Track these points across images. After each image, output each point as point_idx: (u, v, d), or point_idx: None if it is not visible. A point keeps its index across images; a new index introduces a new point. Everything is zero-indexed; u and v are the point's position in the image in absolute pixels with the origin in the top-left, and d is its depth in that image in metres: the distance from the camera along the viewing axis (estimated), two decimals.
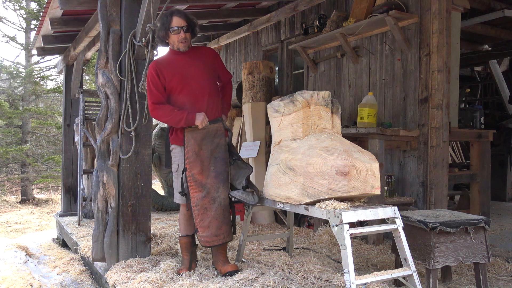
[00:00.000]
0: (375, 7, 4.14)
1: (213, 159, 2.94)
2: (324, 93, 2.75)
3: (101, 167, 3.30)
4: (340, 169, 2.34)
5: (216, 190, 2.91)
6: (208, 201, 2.90)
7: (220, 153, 2.97)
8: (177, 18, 2.88)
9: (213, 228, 2.88)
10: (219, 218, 2.90)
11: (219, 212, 2.90)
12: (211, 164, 2.93)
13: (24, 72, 11.14)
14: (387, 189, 3.79)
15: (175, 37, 2.91)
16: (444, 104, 3.67)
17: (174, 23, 2.87)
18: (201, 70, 2.98)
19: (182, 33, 2.90)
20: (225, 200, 2.94)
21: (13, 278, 3.56)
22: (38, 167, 11.30)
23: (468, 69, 7.28)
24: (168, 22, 2.87)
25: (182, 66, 2.95)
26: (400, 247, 2.36)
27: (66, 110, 6.22)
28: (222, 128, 3.02)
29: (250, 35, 6.63)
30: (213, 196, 2.90)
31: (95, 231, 3.34)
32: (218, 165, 2.95)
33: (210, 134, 2.96)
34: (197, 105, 2.94)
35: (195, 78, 2.95)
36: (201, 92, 2.95)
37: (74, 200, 5.97)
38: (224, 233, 2.91)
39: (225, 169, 2.96)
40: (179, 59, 2.97)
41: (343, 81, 4.77)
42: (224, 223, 2.92)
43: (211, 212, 2.89)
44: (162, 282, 2.77)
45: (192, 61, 2.98)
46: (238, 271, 2.86)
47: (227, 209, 2.95)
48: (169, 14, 2.88)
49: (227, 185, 2.97)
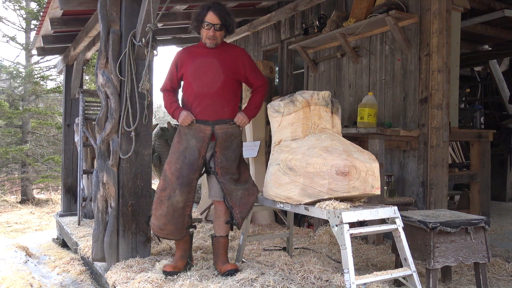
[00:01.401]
0: (375, 7, 4.14)
1: (182, 158, 2.92)
2: (324, 93, 2.75)
3: (101, 167, 3.30)
4: (340, 169, 2.34)
5: (173, 190, 2.89)
6: (164, 196, 2.92)
7: (191, 156, 2.92)
8: (212, 14, 2.83)
9: (160, 222, 2.93)
10: (167, 216, 2.90)
11: (169, 211, 2.89)
12: (178, 162, 2.92)
13: (24, 72, 11.14)
14: (387, 189, 3.79)
15: (204, 32, 2.90)
16: (444, 104, 3.67)
17: (208, 18, 2.84)
18: (218, 68, 2.92)
19: (212, 31, 2.88)
20: (179, 203, 2.90)
21: (13, 278, 3.56)
22: (38, 167, 11.30)
23: (468, 69, 7.28)
24: (203, 15, 2.85)
25: (203, 60, 2.94)
26: (400, 247, 2.36)
27: (66, 110, 6.22)
28: (210, 131, 2.93)
29: (250, 35, 6.63)
30: (168, 194, 2.90)
31: (95, 231, 3.34)
32: (185, 167, 2.91)
33: (195, 132, 2.93)
34: (201, 101, 2.92)
35: (209, 75, 2.92)
36: (209, 89, 2.91)
37: (74, 200, 5.97)
38: (167, 230, 2.93)
39: (188, 174, 2.90)
40: (203, 52, 2.96)
41: (343, 81, 4.77)
42: (171, 223, 2.91)
43: (163, 207, 2.91)
44: (162, 282, 2.77)
45: (215, 58, 2.94)
46: (237, 270, 2.85)
47: (178, 212, 2.90)
48: (206, 7, 2.85)
49: (187, 191, 2.90)
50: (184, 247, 3.03)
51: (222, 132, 2.94)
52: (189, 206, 2.95)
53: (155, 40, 3.04)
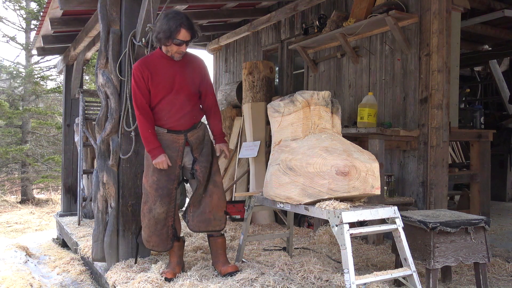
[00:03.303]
0: (375, 7, 4.14)
1: (157, 169, 2.89)
2: (324, 93, 2.75)
3: (101, 167, 3.30)
4: (340, 169, 2.34)
5: (153, 202, 2.91)
6: (146, 209, 2.94)
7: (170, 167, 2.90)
8: (185, 32, 2.73)
9: (145, 234, 2.97)
10: (151, 228, 2.93)
11: (151, 223, 2.92)
12: (154, 174, 2.91)
13: (24, 72, 11.14)
14: (387, 189, 3.79)
15: (174, 48, 2.80)
16: (444, 104, 3.67)
17: (181, 36, 2.73)
18: (185, 80, 2.92)
19: (184, 47, 2.82)
20: (161, 214, 2.91)
21: (13, 278, 3.56)
22: (38, 167, 11.30)
23: (468, 69, 7.28)
24: (175, 32, 2.71)
25: (172, 72, 2.88)
26: (400, 247, 2.36)
27: (66, 110, 6.23)
28: (183, 140, 2.94)
29: (250, 35, 6.63)
30: (149, 207, 2.92)
31: (95, 231, 3.34)
32: (162, 178, 2.90)
33: (169, 143, 2.92)
34: (172, 114, 2.90)
35: (176, 87, 2.89)
36: (179, 101, 2.90)
37: (74, 200, 5.97)
38: (153, 242, 2.96)
39: (166, 185, 2.90)
40: (169, 64, 2.89)
41: (343, 81, 4.77)
42: (155, 235, 2.93)
43: (145, 220, 2.95)
44: (162, 282, 2.77)
45: (182, 69, 2.91)
46: (238, 271, 2.86)
47: (160, 223, 2.92)
48: (178, 24, 2.70)
49: (168, 202, 2.91)
50: (179, 253, 3.04)
51: (195, 138, 2.99)
52: (171, 217, 2.95)
53: None
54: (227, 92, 6.32)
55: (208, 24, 6.84)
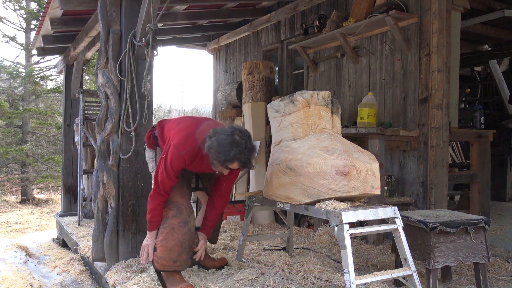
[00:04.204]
0: (375, 7, 4.14)
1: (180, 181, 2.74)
2: (324, 93, 2.75)
3: (101, 167, 3.30)
4: (340, 169, 2.34)
5: (188, 214, 2.69)
6: (177, 222, 2.63)
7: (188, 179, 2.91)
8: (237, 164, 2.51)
9: (174, 253, 2.61)
10: (183, 245, 2.63)
11: (186, 238, 2.63)
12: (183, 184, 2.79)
13: (24, 72, 11.14)
14: (387, 189, 3.79)
15: (223, 170, 2.62)
16: (444, 104, 3.67)
17: (233, 165, 2.52)
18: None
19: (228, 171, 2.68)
20: (193, 227, 2.73)
21: (13, 278, 3.57)
22: (38, 167, 11.31)
23: (468, 69, 7.28)
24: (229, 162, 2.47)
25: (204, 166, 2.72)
26: (400, 247, 2.36)
27: (66, 110, 6.23)
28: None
29: (250, 35, 6.63)
30: (185, 219, 2.65)
31: (95, 231, 3.34)
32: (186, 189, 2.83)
33: None
34: None
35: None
36: None
37: (74, 200, 5.97)
38: (181, 261, 2.64)
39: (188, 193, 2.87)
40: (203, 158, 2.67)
41: (343, 81, 4.77)
42: (185, 252, 2.65)
43: (178, 235, 2.61)
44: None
45: None
46: (227, 264, 3.01)
47: (193, 238, 2.73)
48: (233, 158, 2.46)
49: None
50: None
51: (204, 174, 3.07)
52: None
53: (155, 40, 3.04)
54: (227, 92, 6.33)
55: (208, 24, 6.84)
